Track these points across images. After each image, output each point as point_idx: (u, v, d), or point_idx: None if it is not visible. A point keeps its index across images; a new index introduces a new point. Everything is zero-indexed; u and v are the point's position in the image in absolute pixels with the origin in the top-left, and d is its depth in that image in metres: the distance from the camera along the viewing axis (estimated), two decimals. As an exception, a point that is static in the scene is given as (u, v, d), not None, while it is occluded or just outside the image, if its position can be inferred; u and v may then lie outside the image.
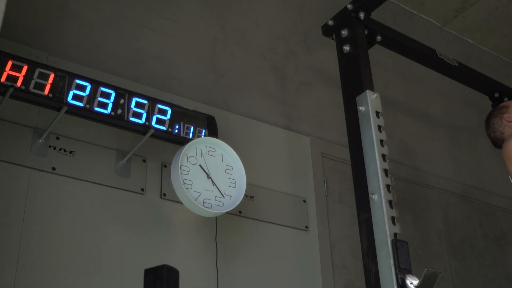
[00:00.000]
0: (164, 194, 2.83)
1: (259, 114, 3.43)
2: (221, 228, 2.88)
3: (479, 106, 4.35)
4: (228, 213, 2.77)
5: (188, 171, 2.62)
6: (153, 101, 2.72)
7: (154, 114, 2.70)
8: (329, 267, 3.26)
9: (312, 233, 3.28)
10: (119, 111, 2.61)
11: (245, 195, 2.98)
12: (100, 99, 2.58)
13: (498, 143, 2.89)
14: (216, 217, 2.81)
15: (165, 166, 2.87)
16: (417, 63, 3.45)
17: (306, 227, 3.25)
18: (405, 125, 4.29)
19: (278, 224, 3.16)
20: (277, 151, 3.39)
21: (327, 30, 2.98)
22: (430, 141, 4.42)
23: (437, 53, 3.31)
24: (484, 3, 4.95)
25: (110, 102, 2.60)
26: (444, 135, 4.57)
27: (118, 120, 2.61)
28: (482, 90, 3.65)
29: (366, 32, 2.94)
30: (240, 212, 3.00)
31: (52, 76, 2.49)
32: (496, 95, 3.59)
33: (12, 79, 2.40)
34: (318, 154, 3.53)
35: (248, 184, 2.86)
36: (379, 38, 3.01)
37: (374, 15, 2.97)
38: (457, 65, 3.35)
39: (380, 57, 3.43)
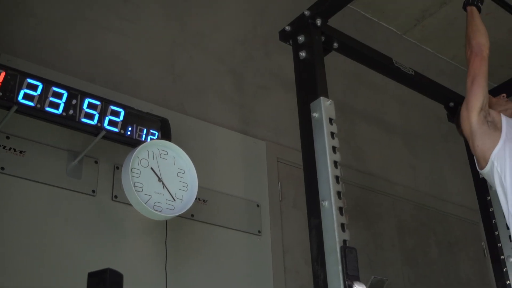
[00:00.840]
0: (116, 196, 2.81)
1: (216, 117, 3.43)
2: (173, 231, 2.87)
3: (436, 114, 4.40)
4: (180, 216, 2.75)
5: (139, 174, 2.61)
6: (106, 102, 2.70)
7: (107, 116, 2.67)
8: (281, 272, 3.27)
9: (265, 237, 3.28)
10: (71, 112, 2.58)
11: (198, 199, 2.98)
12: (51, 99, 2.54)
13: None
14: (166, 220, 2.79)
15: (117, 168, 2.85)
16: (375, 70, 3.48)
17: (259, 231, 3.26)
18: (362, 132, 4.32)
19: (231, 228, 3.16)
20: (233, 155, 3.39)
21: (284, 36, 2.97)
22: (387, 148, 4.46)
23: (394, 61, 3.32)
24: (443, 13, 5.02)
25: (62, 102, 2.57)
26: (402, 142, 4.62)
27: (69, 120, 2.59)
28: (437, 99, 3.68)
29: (323, 38, 2.93)
30: (192, 215, 3.00)
31: (3, 74, 2.45)
32: (451, 104, 3.62)
33: (-40, 76, 2.37)
34: (273, 159, 3.54)
35: (201, 187, 2.86)
36: (335, 45, 3.01)
37: (335, 21, 2.98)
38: (413, 73, 3.37)
39: (339, 63, 3.46)
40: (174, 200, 2.64)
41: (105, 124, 2.66)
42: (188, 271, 2.93)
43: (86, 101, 2.64)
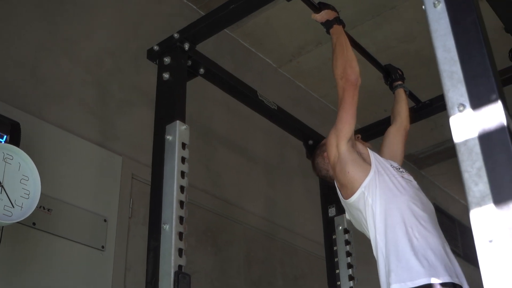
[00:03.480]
0: (-47, 197, 2.70)
1: (74, 127, 3.36)
2: (10, 239, 2.79)
3: (297, 149, 4.51)
4: (20, 223, 2.68)
5: (-20, 177, 2.52)
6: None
7: (-45, 114, 2.58)
8: (121, 289, 3.25)
9: (108, 253, 3.24)
10: None
11: (43, 208, 2.92)
12: None
13: (328, 180, 2.97)
14: (2, 227, 2.71)
15: (-40, 168, 2.74)
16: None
17: (103, 247, 3.21)
18: (223, 158, 4.37)
19: (73, 241, 3.09)
20: (86, 166, 3.33)
21: (151, 55, 2.98)
22: (246, 176, 4.52)
23: (258, 94, 3.39)
24: (318, 53, 5.18)
25: None
26: (261, 172, 4.70)
27: None
28: (297, 135, 3.79)
29: (189, 63, 2.96)
30: (34, 224, 2.92)
31: None
32: (310, 142, 3.74)
33: None
34: (128, 175, 3.51)
35: (48, 196, 2.80)
36: (202, 70, 3.05)
37: (210, 46, 3.01)
38: (275, 108, 3.46)
39: (209, 88, 3.48)
40: (13, 207, 2.56)
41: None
42: (23, 281, 2.84)
43: None
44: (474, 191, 1.49)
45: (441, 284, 2.32)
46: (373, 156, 2.76)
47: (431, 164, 7.15)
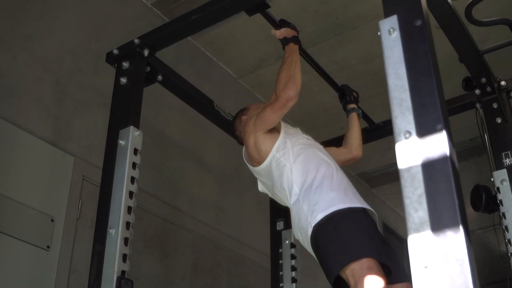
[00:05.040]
0: None
1: (27, 124, 3.33)
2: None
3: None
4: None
5: None
6: None
7: None
8: (63, 291, 3.22)
9: (53, 253, 3.22)
10: None
11: (-11, 204, 2.89)
12: None
13: (240, 141, 3.20)
14: None
15: None
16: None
17: (48, 246, 3.19)
18: (177, 165, 4.37)
19: (18, 239, 3.06)
20: (37, 165, 3.30)
21: (111, 58, 2.98)
22: (198, 184, 4.53)
23: (215, 104, 3.41)
24: (278, 67, 5.17)
25: None
26: (214, 182, 4.71)
27: None
28: (251, 147, 3.81)
29: (148, 69, 2.97)
30: (-23, 220, 2.89)
31: None
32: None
33: None
34: (79, 176, 3.49)
35: (-6, 192, 2.77)
36: (160, 77, 3.05)
37: (173, 52, 3.02)
38: (231, 119, 3.48)
39: (167, 94, 3.48)
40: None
41: None
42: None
43: None
44: (413, 217, 1.53)
45: (357, 208, 2.63)
46: (283, 124, 3.01)
47: (383, 183, 7.25)
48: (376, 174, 7.14)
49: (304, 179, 2.73)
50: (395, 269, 2.57)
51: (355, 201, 2.67)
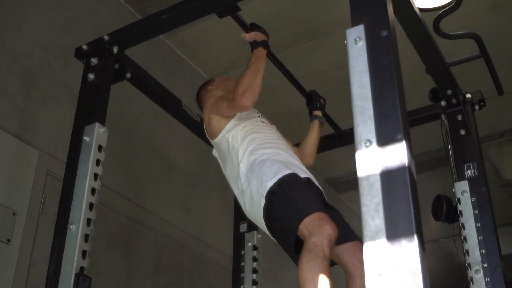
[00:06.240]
0: None
1: (-8, 116, 3.31)
2: None
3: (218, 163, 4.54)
4: None
5: None
6: None
7: None
8: (22, 285, 3.19)
9: (14, 247, 3.19)
10: None
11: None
12: None
13: (200, 110, 3.31)
14: None
15: None
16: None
17: (9, 240, 3.16)
18: (144, 163, 4.36)
19: (-22, 232, 3.04)
20: (1, 158, 3.28)
21: (79, 54, 2.96)
22: (164, 183, 4.52)
23: (183, 104, 3.41)
24: (250, 69, 5.21)
25: None
26: (180, 181, 4.71)
27: None
28: (218, 149, 3.81)
29: (116, 66, 2.96)
30: None
31: None
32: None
33: None
34: (43, 170, 3.46)
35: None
36: (128, 75, 3.04)
37: (145, 50, 3.01)
38: (198, 120, 3.48)
39: (136, 91, 3.47)
40: None
41: None
42: None
43: None
44: (370, 225, 1.55)
45: (302, 177, 2.72)
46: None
47: (350, 189, 7.29)
48: (342, 180, 7.19)
49: (251, 159, 2.81)
50: (345, 230, 2.67)
51: (300, 172, 2.75)
